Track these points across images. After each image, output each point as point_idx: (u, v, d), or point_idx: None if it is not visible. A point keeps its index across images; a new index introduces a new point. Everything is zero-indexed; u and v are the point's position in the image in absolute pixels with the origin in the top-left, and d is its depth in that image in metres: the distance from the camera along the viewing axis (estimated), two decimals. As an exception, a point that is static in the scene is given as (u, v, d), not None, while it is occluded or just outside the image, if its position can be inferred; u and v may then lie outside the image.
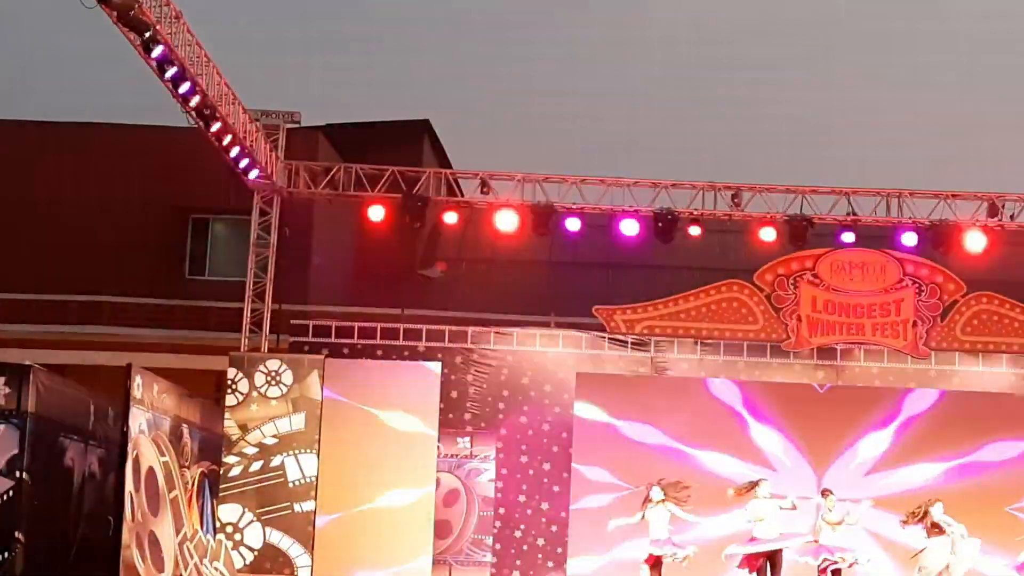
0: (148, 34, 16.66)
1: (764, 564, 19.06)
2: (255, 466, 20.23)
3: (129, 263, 26.65)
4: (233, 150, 20.29)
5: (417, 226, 22.45)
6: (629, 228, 22.14)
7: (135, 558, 17.02)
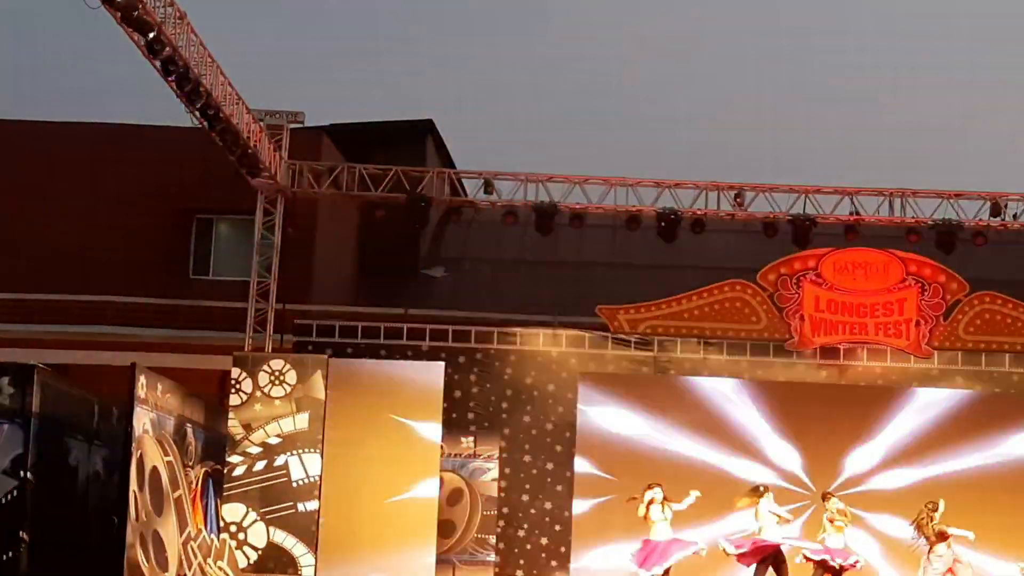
0: (152, 34, 16.67)
1: (766, 566, 19.03)
2: (259, 466, 20.25)
3: (133, 263, 26.66)
4: (237, 150, 20.30)
5: (420, 226, 22.45)
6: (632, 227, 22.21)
7: (139, 557, 17.02)
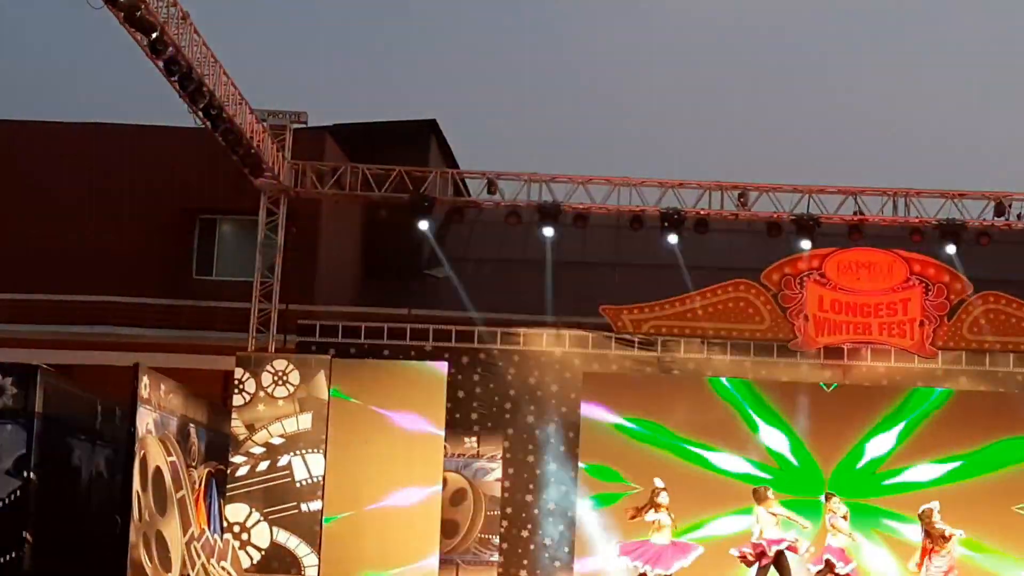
0: (155, 34, 16.66)
1: (768, 565, 19.01)
2: (262, 466, 20.26)
3: (136, 263, 26.67)
4: (240, 150, 20.29)
5: (424, 226, 22.41)
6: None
7: (142, 558, 17.03)
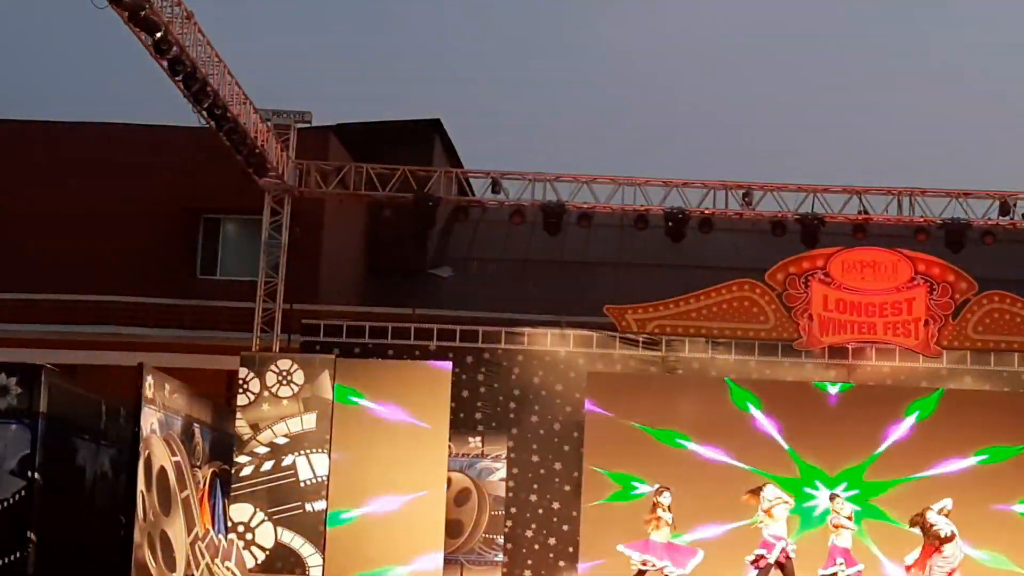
0: (159, 34, 16.66)
1: (768, 567, 18.99)
2: (266, 466, 20.23)
3: (140, 263, 26.68)
4: (244, 150, 20.29)
5: (428, 226, 22.42)
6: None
7: (147, 558, 17.02)
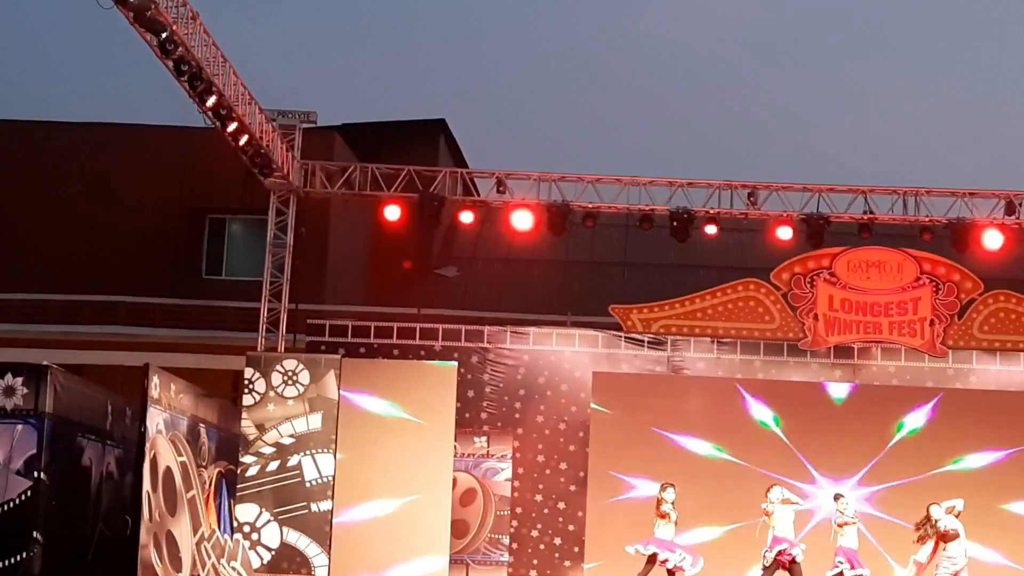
0: (165, 35, 16.65)
1: (773, 566, 18.99)
2: (272, 466, 20.25)
3: (146, 263, 26.72)
4: (249, 150, 20.29)
5: (433, 226, 22.41)
6: (647, 224, 22.15)
7: (153, 558, 17.03)
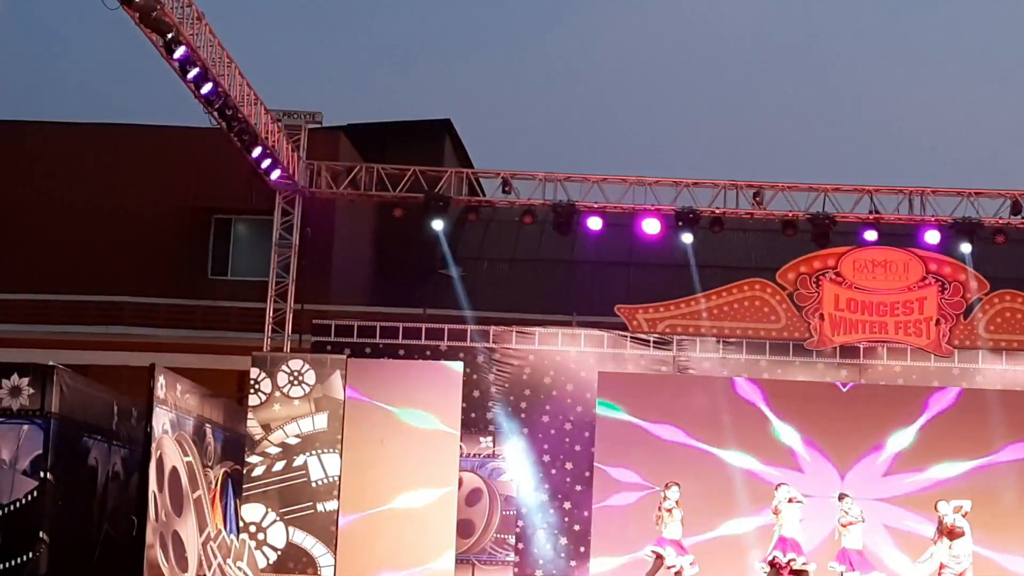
0: (170, 35, 16.65)
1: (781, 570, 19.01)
2: (278, 466, 20.26)
3: (151, 263, 26.72)
4: (255, 150, 20.29)
5: (438, 226, 22.39)
6: (650, 227, 22.11)
7: (159, 558, 17.04)
